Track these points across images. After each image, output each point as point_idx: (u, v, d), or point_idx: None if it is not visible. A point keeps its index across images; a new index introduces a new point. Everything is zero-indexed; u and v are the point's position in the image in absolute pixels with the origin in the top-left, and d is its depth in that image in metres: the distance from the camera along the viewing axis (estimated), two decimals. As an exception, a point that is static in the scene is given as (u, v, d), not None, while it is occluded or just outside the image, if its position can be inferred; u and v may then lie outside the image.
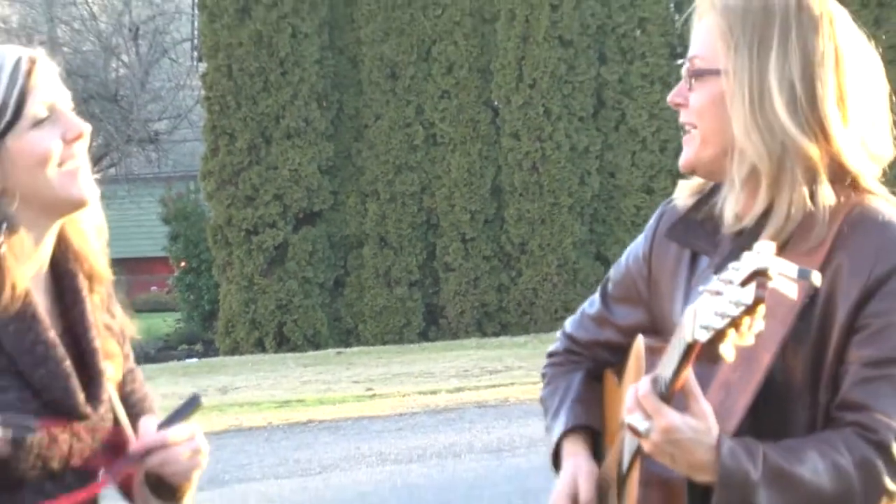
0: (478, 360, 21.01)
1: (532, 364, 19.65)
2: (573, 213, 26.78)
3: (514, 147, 26.84)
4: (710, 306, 2.46)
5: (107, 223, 3.14)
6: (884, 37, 22.53)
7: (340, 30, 27.42)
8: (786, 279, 2.40)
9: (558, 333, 3.41)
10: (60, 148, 2.89)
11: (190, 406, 2.96)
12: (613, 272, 3.25)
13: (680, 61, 27.57)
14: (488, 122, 27.08)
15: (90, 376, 2.94)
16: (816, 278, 2.46)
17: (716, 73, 2.86)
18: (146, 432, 2.91)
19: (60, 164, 2.89)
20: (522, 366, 19.26)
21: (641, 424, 2.63)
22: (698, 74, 2.89)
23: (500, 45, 26.94)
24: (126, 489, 3.02)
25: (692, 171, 2.97)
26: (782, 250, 2.75)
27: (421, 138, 27.06)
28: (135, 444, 2.91)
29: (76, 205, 2.95)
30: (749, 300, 2.41)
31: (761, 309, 2.42)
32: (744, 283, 2.42)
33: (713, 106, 2.86)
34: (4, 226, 2.86)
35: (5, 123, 2.86)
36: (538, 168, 26.75)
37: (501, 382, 17.68)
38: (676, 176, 3.04)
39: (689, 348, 2.53)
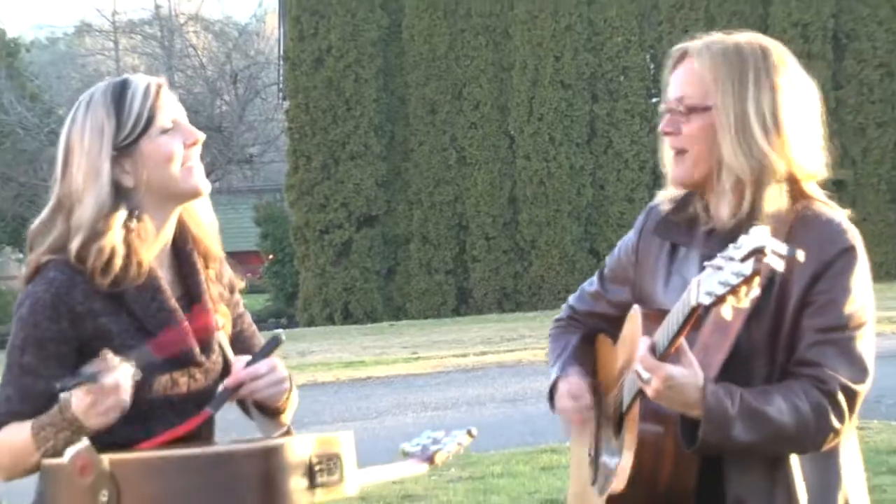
0: (498, 331, 20.97)
1: (540, 334, 19.60)
2: (572, 217, 26.72)
3: (526, 166, 26.80)
4: (713, 278, 2.46)
5: (213, 224, 3.17)
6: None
7: (392, 76, 27.38)
8: (776, 256, 2.40)
9: (563, 305, 3.42)
10: (182, 151, 2.92)
11: (271, 345, 2.96)
12: (608, 260, 3.26)
13: (655, 100, 27.58)
14: (506, 147, 27.02)
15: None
16: (801, 255, 2.46)
17: (706, 108, 2.85)
18: (237, 370, 2.92)
19: (182, 163, 2.92)
20: (533, 335, 19.19)
21: (645, 375, 2.65)
22: (693, 109, 2.87)
23: (515, 87, 26.88)
24: (244, 407, 3.03)
25: (683, 186, 2.97)
26: None
27: (454, 159, 27.01)
28: (227, 380, 2.92)
29: (194, 193, 2.97)
30: (748, 271, 2.41)
31: (757, 279, 2.42)
32: (744, 259, 2.42)
33: (704, 133, 2.86)
34: (136, 212, 2.88)
35: (140, 129, 2.89)
36: (545, 182, 26.69)
37: (517, 348, 17.64)
38: (651, 188, 3.07)
39: (693, 311, 2.54)
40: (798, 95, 2.87)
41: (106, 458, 2.56)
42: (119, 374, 2.67)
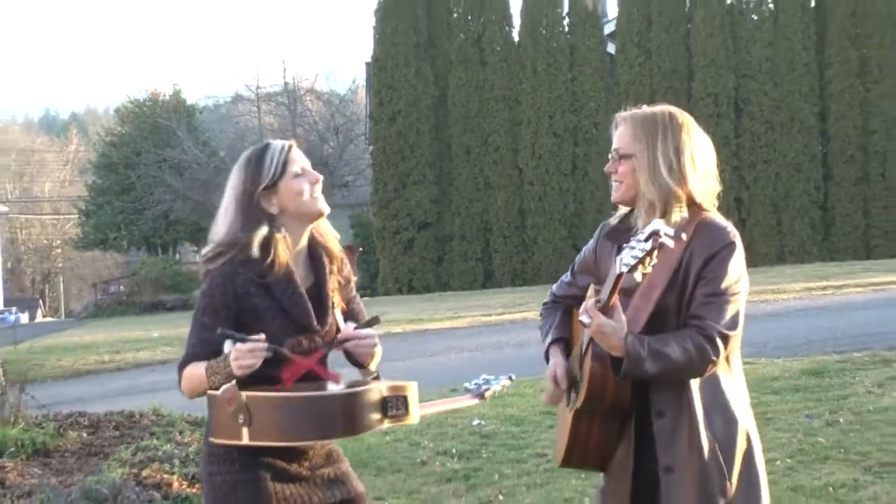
0: (512, 299, 20.97)
1: (540, 301, 19.62)
2: (561, 223, 26.75)
3: (530, 189, 26.84)
4: (628, 254, 2.47)
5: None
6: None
7: (441, 129, 27.50)
8: (668, 237, 2.42)
9: (548, 292, 3.42)
10: (309, 187, 2.94)
11: (371, 322, 2.96)
12: (577, 258, 3.24)
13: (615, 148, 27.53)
14: (517, 176, 27.06)
15: (322, 309, 2.95)
16: (684, 236, 2.51)
17: (630, 155, 2.84)
18: (345, 329, 2.94)
19: (310, 195, 2.94)
20: (534, 301, 19.13)
21: (586, 320, 2.64)
22: (622, 156, 2.86)
23: (523, 136, 26.93)
24: (349, 359, 3.02)
25: (620, 204, 2.95)
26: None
27: (482, 185, 27.09)
28: (340, 334, 2.93)
29: (319, 214, 2.98)
30: (649, 247, 2.43)
31: (656, 252, 2.44)
32: (647, 239, 2.43)
33: (630, 172, 2.84)
34: (283, 229, 2.91)
35: (279, 173, 2.91)
36: (543, 200, 26.72)
37: (524, 310, 17.63)
38: (615, 207, 3.03)
39: (618, 277, 2.54)
40: (695, 145, 2.85)
41: (244, 394, 2.62)
42: (256, 346, 2.72)
